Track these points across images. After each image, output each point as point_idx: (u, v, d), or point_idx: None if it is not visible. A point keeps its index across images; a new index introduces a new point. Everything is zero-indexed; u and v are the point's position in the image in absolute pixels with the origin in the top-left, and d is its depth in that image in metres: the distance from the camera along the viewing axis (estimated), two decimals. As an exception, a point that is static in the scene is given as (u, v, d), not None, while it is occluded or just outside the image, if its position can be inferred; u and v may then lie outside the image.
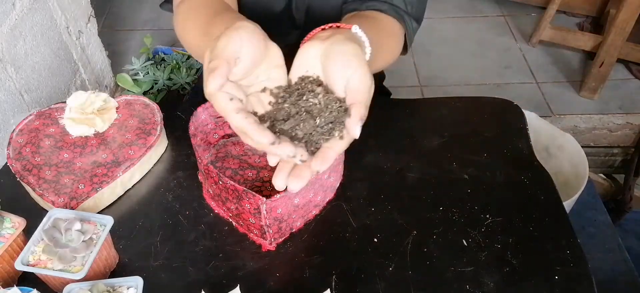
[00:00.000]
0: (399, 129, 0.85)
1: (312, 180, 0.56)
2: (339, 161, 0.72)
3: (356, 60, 0.52)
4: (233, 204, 0.66)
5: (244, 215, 0.66)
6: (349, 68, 0.52)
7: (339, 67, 0.52)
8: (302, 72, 0.56)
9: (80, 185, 0.71)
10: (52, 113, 0.81)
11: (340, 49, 0.53)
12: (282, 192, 0.61)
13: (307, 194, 0.66)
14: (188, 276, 0.65)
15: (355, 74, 0.51)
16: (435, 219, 0.71)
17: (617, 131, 1.87)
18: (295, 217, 0.67)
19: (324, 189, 0.70)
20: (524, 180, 0.76)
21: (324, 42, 0.54)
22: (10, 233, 0.63)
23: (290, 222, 0.67)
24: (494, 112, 0.89)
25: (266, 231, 0.65)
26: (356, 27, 0.60)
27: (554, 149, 1.50)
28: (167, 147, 0.82)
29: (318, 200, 0.70)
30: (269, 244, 0.67)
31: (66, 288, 0.57)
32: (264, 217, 0.63)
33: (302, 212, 0.68)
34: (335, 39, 0.54)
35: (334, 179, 0.72)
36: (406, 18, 0.77)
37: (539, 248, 0.67)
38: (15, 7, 1.24)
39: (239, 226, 0.69)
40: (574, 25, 2.27)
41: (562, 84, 2.04)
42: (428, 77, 2.05)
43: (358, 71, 0.52)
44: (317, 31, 0.59)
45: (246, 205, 0.64)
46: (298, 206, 0.66)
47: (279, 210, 0.64)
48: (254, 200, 0.62)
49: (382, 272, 0.65)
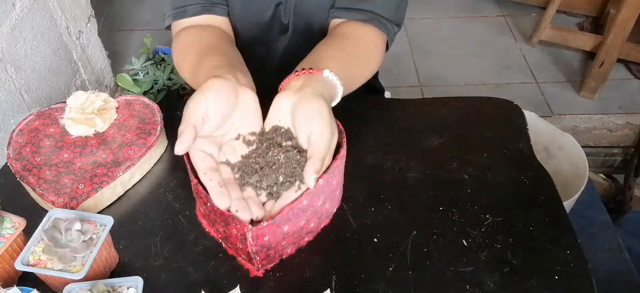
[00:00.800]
0: (399, 129, 0.85)
1: (304, 207, 0.62)
2: (335, 188, 0.68)
3: (319, 116, 0.60)
4: (221, 227, 0.64)
5: (232, 239, 0.63)
6: (311, 122, 0.60)
7: (304, 122, 0.61)
8: (276, 121, 0.64)
9: (80, 185, 0.71)
10: (52, 113, 0.81)
11: (306, 105, 0.61)
12: (269, 219, 0.58)
13: (299, 222, 0.63)
14: (188, 276, 0.65)
15: (316, 130, 0.59)
16: (435, 219, 0.71)
17: (617, 131, 1.87)
18: (285, 244, 0.64)
19: (318, 216, 0.67)
20: (524, 180, 0.76)
21: (295, 94, 0.62)
22: (10, 233, 0.63)
23: (279, 249, 0.64)
24: (494, 112, 0.89)
25: (253, 258, 0.62)
26: (327, 71, 0.67)
27: (554, 149, 1.50)
28: (167, 147, 0.82)
29: (311, 227, 0.66)
30: (256, 270, 0.64)
31: (66, 288, 0.57)
32: (250, 244, 0.59)
33: (292, 239, 0.64)
34: (303, 93, 0.61)
35: (330, 205, 0.69)
36: (388, 25, 0.83)
37: (539, 248, 0.67)
38: (15, 7, 1.24)
39: (228, 248, 0.67)
40: (574, 25, 2.27)
41: (562, 84, 2.04)
42: (428, 77, 2.05)
43: (318, 127, 0.60)
44: (291, 78, 0.66)
45: (233, 230, 0.61)
46: (288, 234, 0.63)
47: (267, 238, 0.60)
48: (240, 226, 0.59)
49: (382, 272, 0.65)
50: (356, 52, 0.79)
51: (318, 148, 0.59)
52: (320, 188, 0.62)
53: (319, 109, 0.60)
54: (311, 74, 0.66)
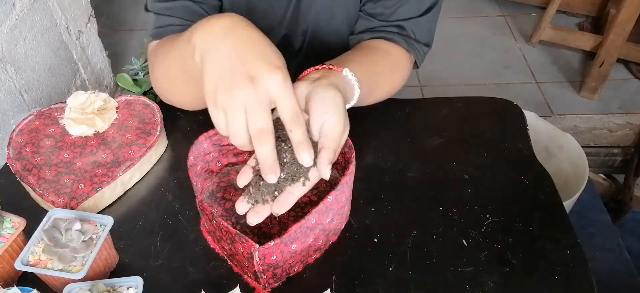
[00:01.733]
0: (399, 129, 0.85)
1: (312, 225, 0.60)
2: (344, 204, 0.66)
3: (333, 107, 0.57)
4: (227, 244, 0.63)
5: (238, 257, 0.62)
6: (325, 114, 0.57)
7: (318, 112, 0.57)
8: None
9: (80, 185, 0.71)
10: (52, 113, 0.81)
11: (321, 95, 0.58)
12: (277, 239, 0.57)
13: (307, 240, 0.62)
14: (188, 276, 0.65)
15: (329, 121, 0.57)
16: (435, 219, 0.71)
17: (617, 131, 1.87)
18: (293, 262, 0.63)
19: (326, 233, 0.65)
20: (524, 180, 0.76)
21: (311, 84, 0.59)
22: (10, 233, 0.63)
23: (286, 268, 0.63)
24: (494, 112, 0.89)
25: (260, 277, 0.61)
26: (347, 70, 0.66)
27: (554, 149, 1.49)
28: (167, 147, 0.82)
29: (319, 245, 0.65)
30: (263, 288, 0.63)
31: (66, 288, 0.57)
32: (257, 263, 0.58)
33: (300, 257, 0.63)
34: (319, 84, 0.59)
35: (338, 222, 0.67)
36: (416, 45, 0.81)
37: (539, 248, 0.67)
38: (15, 7, 1.24)
39: (233, 265, 0.65)
40: (574, 25, 2.27)
41: (562, 84, 2.04)
42: (428, 77, 2.05)
43: (332, 118, 0.57)
44: (311, 70, 0.65)
45: (239, 248, 0.60)
46: (295, 252, 0.61)
47: (274, 257, 0.59)
48: (247, 245, 0.57)
49: (382, 272, 0.65)
50: (381, 63, 0.78)
51: (332, 138, 0.56)
52: (329, 205, 0.60)
53: (334, 99, 0.58)
54: (331, 70, 0.65)
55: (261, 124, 0.51)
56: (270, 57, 0.52)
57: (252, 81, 0.50)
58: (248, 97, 0.50)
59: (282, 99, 0.52)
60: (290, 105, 0.52)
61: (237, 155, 0.74)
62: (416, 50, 0.82)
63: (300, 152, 0.53)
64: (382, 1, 0.80)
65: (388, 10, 0.80)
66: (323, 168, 0.55)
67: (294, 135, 0.53)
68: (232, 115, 0.51)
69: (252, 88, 0.50)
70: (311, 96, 0.58)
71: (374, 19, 0.81)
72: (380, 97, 0.81)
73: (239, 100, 0.51)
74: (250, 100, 0.50)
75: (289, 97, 0.52)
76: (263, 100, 0.51)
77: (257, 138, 0.51)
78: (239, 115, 0.51)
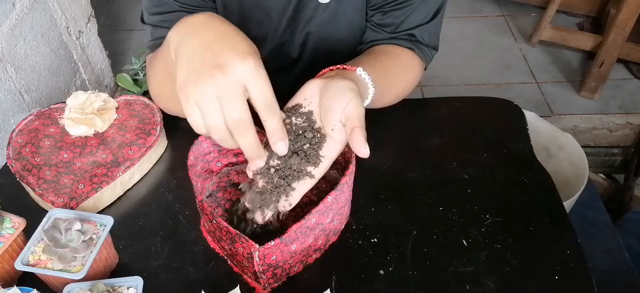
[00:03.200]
0: (399, 129, 0.85)
1: (312, 226, 0.60)
2: (344, 204, 0.66)
3: (351, 92, 0.57)
4: (227, 244, 0.63)
5: (238, 257, 0.62)
6: (344, 98, 0.56)
7: (336, 99, 0.57)
8: (300, 100, 0.60)
9: (80, 185, 0.71)
10: (52, 113, 0.81)
11: (337, 84, 0.58)
12: (277, 239, 0.57)
13: (307, 240, 0.61)
14: (188, 276, 0.65)
15: (351, 103, 0.56)
16: (435, 219, 0.71)
17: (617, 131, 1.88)
18: (293, 262, 0.63)
19: (326, 233, 0.65)
20: (524, 180, 0.76)
21: (325, 80, 0.59)
22: (10, 233, 0.63)
23: (286, 268, 0.63)
24: (494, 112, 0.89)
25: (260, 277, 0.61)
26: (361, 69, 0.65)
27: (554, 149, 1.49)
28: (167, 147, 0.82)
29: (319, 245, 0.65)
30: (263, 289, 0.63)
31: (66, 288, 0.57)
32: (257, 263, 0.58)
33: (300, 257, 0.63)
34: (334, 78, 0.59)
35: (338, 222, 0.67)
36: (425, 50, 0.83)
37: (539, 248, 0.67)
38: (15, 7, 1.24)
39: (233, 265, 0.65)
40: (574, 25, 2.27)
41: (562, 84, 2.04)
42: (428, 77, 2.05)
43: (353, 101, 0.56)
44: (324, 71, 0.65)
45: (239, 248, 0.60)
46: (295, 252, 0.61)
47: (274, 257, 0.59)
48: (247, 245, 0.57)
49: (382, 272, 0.65)
50: (392, 66, 0.79)
51: (358, 117, 0.55)
52: (329, 205, 0.60)
53: (350, 86, 0.57)
54: (345, 69, 0.65)
55: (236, 115, 0.50)
56: (241, 45, 0.51)
57: (222, 69, 0.49)
58: (220, 87, 0.49)
59: (253, 86, 0.50)
60: (263, 92, 0.51)
61: (237, 155, 0.74)
62: (425, 54, 0.83)
63: (275, 142, 0.53)
64: (392, 12, 0.80)
65: (397, 19, 0.80)
66: (362, 148, 0.55)
67: (268, 124, 0.52)
68: (206, 107, 0.50)
69: (222, 77, 0.49)
70: (327, 87, 0.58)
71: (383, 30, 0.82)
72: (392, 99, 0.82)
73: (210, 90, 0.49)
74: (222, 90, 0.49)
75: (261, 83, 0.50)
76: (235, 89, 0.49)
77: (235, 130, 0.50)
78: (213, 108, 0.50)
